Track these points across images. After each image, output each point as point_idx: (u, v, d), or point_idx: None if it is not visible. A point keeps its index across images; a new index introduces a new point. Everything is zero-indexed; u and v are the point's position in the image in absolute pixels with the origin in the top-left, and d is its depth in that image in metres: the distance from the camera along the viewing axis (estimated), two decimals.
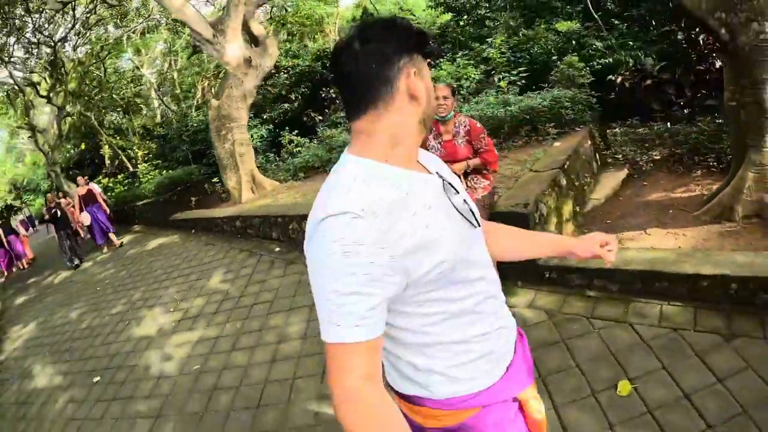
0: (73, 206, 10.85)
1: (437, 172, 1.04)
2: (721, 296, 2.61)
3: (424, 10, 17.50)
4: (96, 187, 11.03)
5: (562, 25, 8.70)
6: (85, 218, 10.10)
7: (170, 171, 13.60)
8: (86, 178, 11.03)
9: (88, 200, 10.17)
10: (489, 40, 9.37)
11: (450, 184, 1.03)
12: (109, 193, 15.59)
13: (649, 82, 6.89)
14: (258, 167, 10.67)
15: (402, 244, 0.85)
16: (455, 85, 7.93)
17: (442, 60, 9.61)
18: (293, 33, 20.26)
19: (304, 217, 5.19)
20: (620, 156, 5.75)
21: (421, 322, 0.97)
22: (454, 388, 1.02)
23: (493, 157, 3.21)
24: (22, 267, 13.07)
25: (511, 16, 10.43)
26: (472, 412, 1.04)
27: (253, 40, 9.20)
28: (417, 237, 0.88)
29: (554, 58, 7.89)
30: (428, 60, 1.01)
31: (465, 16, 12.41)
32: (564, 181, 4.00)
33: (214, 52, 7.81)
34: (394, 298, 0.90)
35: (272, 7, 17.94)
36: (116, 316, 5.83)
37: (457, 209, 1.00)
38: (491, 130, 6.05)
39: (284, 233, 5.81)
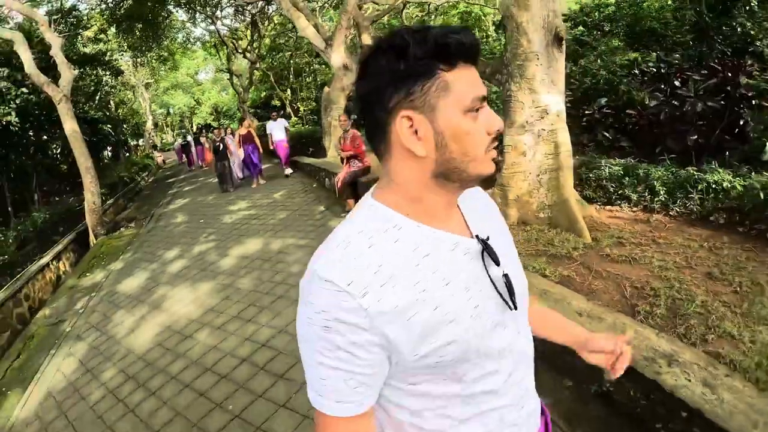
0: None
1: (477, 236, 0.79)
2: None
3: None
4: (276, 125, 12.38)
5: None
6: (239, 155, 11.62)
7: (306, 126, 18.31)
8: (279, 115, 13.41)
9: (245, 140, 11.52)
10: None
11: (490, 251, 0.77)
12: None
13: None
14: None
15: (395, 327, 0.69)
16: None
17: None
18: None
19: (323, 170, 9.07)
20: None
21: (406, 401, 0.79)
22: None
23: (359, 151, 6.60)
24: (201, 166, 20.06)
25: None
26: None
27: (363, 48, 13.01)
28: (417, 320, 0.70)
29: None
30: (465, 66, 0.70)
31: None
32: None
33: (325, 57, 11.85)
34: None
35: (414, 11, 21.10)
36: (228, 201, 10.42)
37: (493, 283, 0.77)
38: None
39: (317, 178, 9.80)
